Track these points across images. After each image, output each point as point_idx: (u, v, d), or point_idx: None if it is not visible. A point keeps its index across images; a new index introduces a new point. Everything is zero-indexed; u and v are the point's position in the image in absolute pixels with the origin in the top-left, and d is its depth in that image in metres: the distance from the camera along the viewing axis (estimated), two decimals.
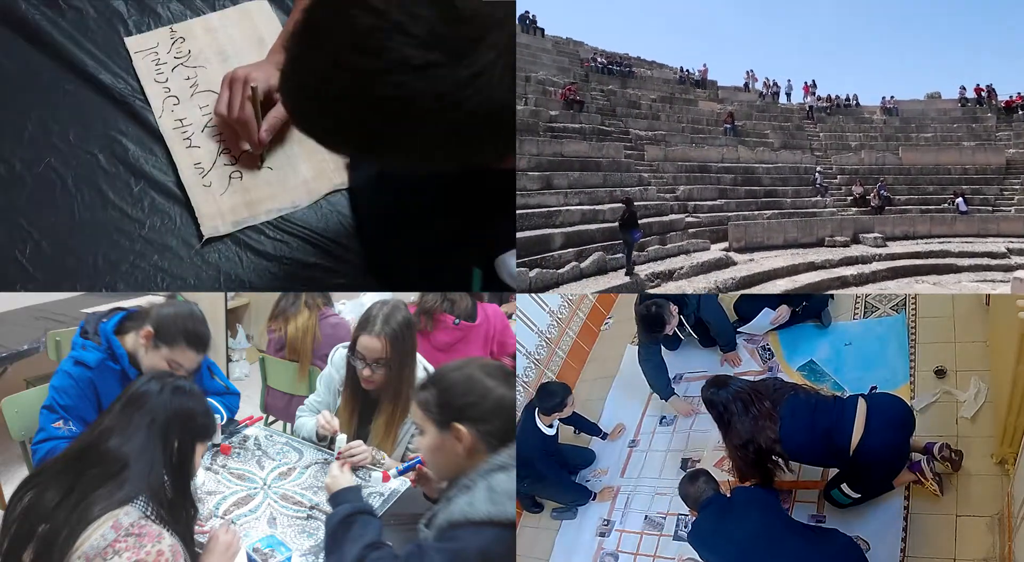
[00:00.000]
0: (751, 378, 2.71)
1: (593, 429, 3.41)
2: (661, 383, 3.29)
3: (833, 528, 2.23)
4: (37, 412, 2.27)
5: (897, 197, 8.66)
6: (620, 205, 5.98)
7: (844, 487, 2.40)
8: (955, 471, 2.36)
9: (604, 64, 9.63)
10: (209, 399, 1.87)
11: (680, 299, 3.33)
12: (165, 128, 1.93)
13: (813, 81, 10.92)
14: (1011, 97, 10.07)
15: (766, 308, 3.32)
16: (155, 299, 3.39)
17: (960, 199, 8.38)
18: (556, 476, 3.15)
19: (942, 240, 7.57)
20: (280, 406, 3.60)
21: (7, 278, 1.72)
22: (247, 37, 2.06)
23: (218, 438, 2.38)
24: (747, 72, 11.26)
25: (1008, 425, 2.16)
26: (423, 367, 2.48)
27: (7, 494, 1.79)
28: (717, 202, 7.66)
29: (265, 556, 1.91)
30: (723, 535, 2.20)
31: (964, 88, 10.53)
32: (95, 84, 1.96)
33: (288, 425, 3.28)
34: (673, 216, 6.92)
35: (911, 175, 9.24)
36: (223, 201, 1.85)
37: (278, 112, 1.90)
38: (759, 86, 11.10)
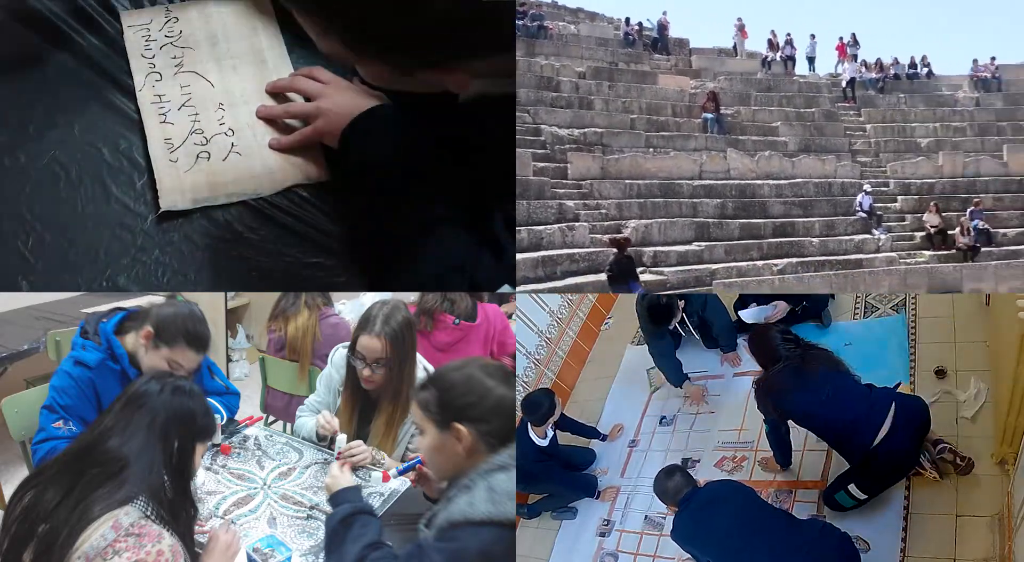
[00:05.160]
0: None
1: (591, 432, 3.41)
2: (671, 368, 3.33)
3: (814, 518, 2.24)
4: (37, 412, 2.28)
5: (1003, 231, 5.35)
6: (611, 250, 4.09)
7: (852, 488, 2.37)
8: (966, 474, 2.35)
9: None
10: (209, 399, 1.87)
11: (685, 297, 3.35)
12: (143, 101, 1.95)
13: (853, 36, 6.87)
14: None
15: (771, 303, 3.33)
16: (155, 299, 3.39)
17: None
18: (558, 479, 3.16)
19: None
20: (280, 406, 3.60)
21: (9, 269, 1.72)
22: (241, 26, 2.07)
23: (218, 438, 2.38)
24: (737, 23, 6.84)
25: (1008, 425, 2.17)
26: (423, 367, 2.48)
27: (7, 494, 1.79)
28: (692, 246, 4.80)
29: (265, 556, 1.91)
30: (703, 530, 2.21)
31: None
32: (102, 77, 1.96)
33: (288, 425, 3.28)
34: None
35: None
36: (186, 178, 1.86)
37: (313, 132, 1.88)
38: (761, 47, 6.83)
